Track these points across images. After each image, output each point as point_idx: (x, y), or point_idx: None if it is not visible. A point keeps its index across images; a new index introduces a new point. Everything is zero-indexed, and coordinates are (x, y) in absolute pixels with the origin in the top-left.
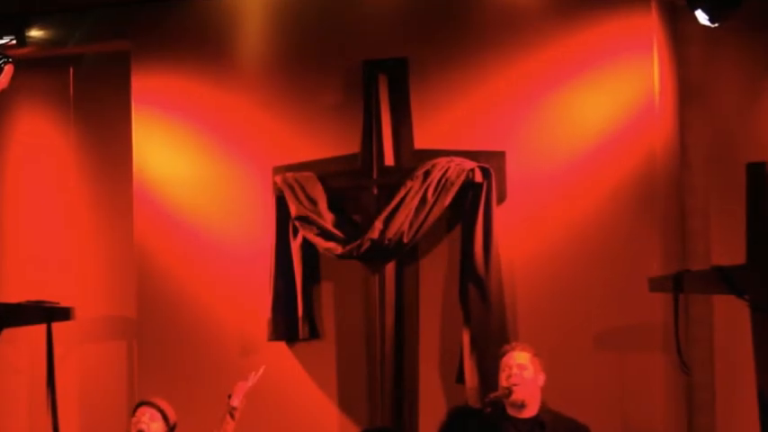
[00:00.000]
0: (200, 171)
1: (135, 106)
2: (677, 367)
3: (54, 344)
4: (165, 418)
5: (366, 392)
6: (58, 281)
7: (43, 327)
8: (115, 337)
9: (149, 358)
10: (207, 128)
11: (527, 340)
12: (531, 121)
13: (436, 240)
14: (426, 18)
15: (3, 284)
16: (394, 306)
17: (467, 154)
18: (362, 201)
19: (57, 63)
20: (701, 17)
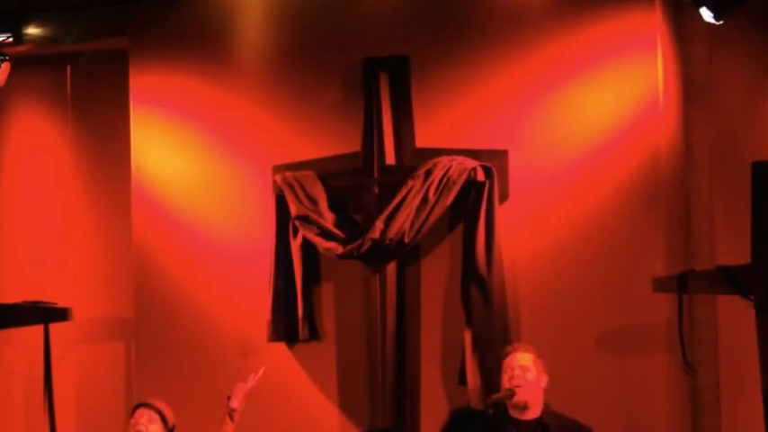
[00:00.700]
0: (198, 170)
1: (133, 104)
2: (682, 368)
3: (51, 345)
4: (163, 419)
5: (367, 394)
6: (55, 281)
7: (40, 327)
8: (113, 338)
9: (147, 359)
10: (206, 126)
11: (529, 340)
12: (534, 119)
13: (438, 240)
14: (428, 15)
15: None
16: (395, 306)
17: (469, 153)
18: (363, 200)
19: (54, 61)
20: (705, 14)
